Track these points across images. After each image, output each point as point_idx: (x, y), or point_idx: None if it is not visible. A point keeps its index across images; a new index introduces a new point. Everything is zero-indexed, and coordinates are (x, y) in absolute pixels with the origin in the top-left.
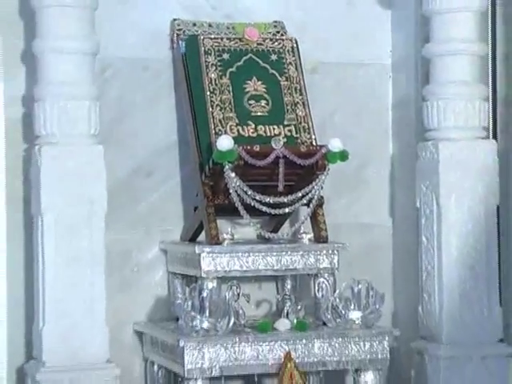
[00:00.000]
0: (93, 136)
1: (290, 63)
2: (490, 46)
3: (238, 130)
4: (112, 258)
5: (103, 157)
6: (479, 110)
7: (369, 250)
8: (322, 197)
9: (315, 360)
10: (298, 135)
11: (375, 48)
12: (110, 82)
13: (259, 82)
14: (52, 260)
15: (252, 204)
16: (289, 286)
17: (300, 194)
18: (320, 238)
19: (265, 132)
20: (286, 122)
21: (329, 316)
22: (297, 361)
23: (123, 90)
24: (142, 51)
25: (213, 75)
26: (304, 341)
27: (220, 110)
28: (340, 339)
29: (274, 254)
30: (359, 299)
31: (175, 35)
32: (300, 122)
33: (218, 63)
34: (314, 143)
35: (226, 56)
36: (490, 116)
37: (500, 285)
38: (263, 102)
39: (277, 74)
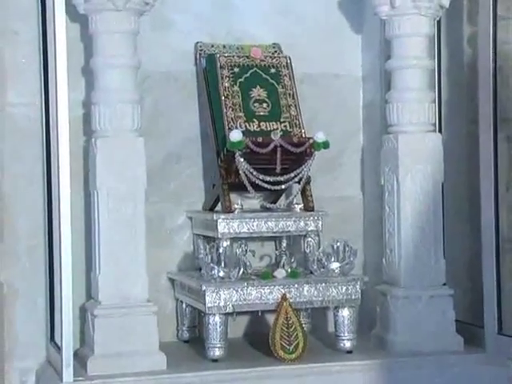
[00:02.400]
0: (135, 130)
1: (285, 75)
2: (436, 61)
3: (245, 126)
4: (151, 223)
5: (143, 146)
6: (428, 110)
7: (345, 217)
8: (309, 176)
9: (304, 300)
10: (292, 129)
11: (349, 63)
12: (148, 89)
13: (262, 90)
14: (105, 224)
15: (256, 182)
16: (284, 244)
17: (293, 174)
18: (308, 208)
19: (266, 127)
20: (282, 120)
21: (315, 267)
22: (290, 300)
23: (159, 95)
24: (173, 66)
25: (226, 84)
26: (296, 285)
27: (232, 110)
28: (323, 284)
29: (273, 219)
30: (338, 254)
31: (198, 54)
32: (293, 120)
33: (231, 75)
34: (303, 135)
35: (236, 70)
36: (437, 115)
37: (444, 242)
38: (265, 105)
39: (275, 83)
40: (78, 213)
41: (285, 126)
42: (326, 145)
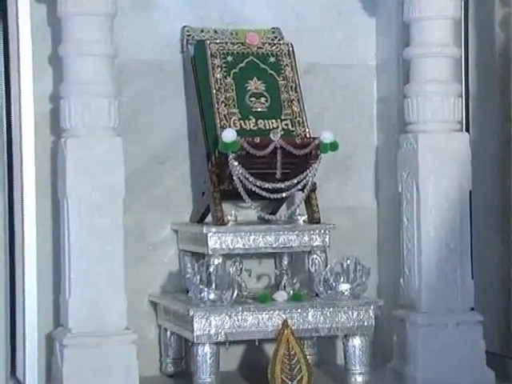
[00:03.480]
0: (112, 129)
1: (287, 65)
2: (462, 49)
3: (240, 124)
4: (130, 236)
5: (121, 147)
6: (454, 106)
7: (356, 230)
8: (315, 183)
9: (309, 327)
10: (294, 128)
11: (361, 51)
12: (128, 81)
13: (259, 82)
14: (76, 238)
15: (253, 189)
16: (286, 262)
17: (295, 181)
18: (313, 219)
19: (264, 126)
20: (283, 117)
21: (321, 288)
22: (293, 328)
23: (140, 88)
24: (156, 54)
25: (218, 75)
26: (299, 310)
27: (225, 106)
28: (331, 308)
29: (273, 233)
30: (348, 273)
31: (185, 40)
32: (295, 117)
33: (223, 65)
34: (307, 135)
35: (229, 58)
36: (464, 111)
37: (472, 260)
38: (263, 99)
39: (275, 75)
40: (44, 224)
41: (286, 125)
42: (333, 146)
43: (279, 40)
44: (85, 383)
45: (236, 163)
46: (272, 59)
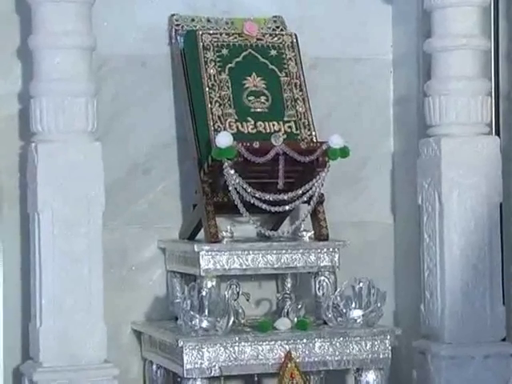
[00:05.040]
0: (90, 133)
1: (290, 59)
2: (492, 40)
3: (237, 127)
4: (110, 256)
5: (101, 154)
6: (482, 106)
7: (370, 248)
8: (322, 194)
9: (316, 360)
10: (298, 131)
11: (376, 43)
12: (107, 78)
13: (258, 78)
14: (49, 259)
15: (252, 201)
16: (289, 285)
17: (300, 192)
18: (320, 236)
19: (264, 128)
20: (285, 119)
21: (330, 315)
22: (297, 360)
23: (121, 86)
24: (140, 47)
25: (211, 71)
26: (305, 340)
27: (219, 106)
28: (341, 338)
29: (274, 252)
30: (360, 298)
31: (173, 31)
32: (300, 119)
33: (217, 59)
34: (314, 140)
35: (224, 51)
36: (493, 111)
37: (503, 283)
38: (263, 98)
39: (276, 70)
40: (11, 243)
41: (289, 127)
42: (344, 152)
43: (281, 30)
44: None
45: (232, 171)
46: (273, 52)
